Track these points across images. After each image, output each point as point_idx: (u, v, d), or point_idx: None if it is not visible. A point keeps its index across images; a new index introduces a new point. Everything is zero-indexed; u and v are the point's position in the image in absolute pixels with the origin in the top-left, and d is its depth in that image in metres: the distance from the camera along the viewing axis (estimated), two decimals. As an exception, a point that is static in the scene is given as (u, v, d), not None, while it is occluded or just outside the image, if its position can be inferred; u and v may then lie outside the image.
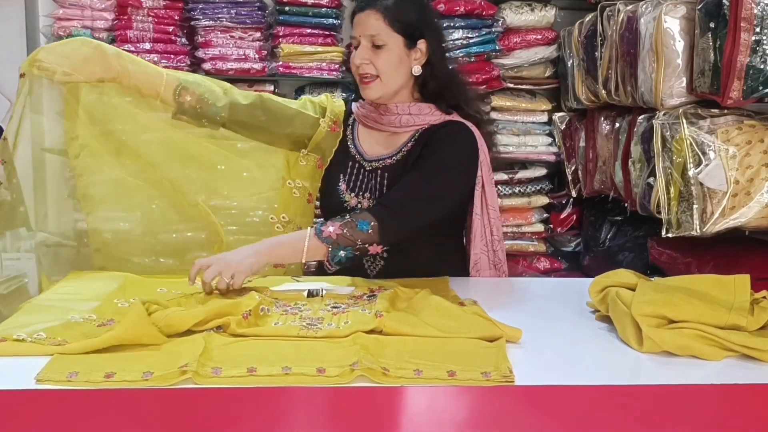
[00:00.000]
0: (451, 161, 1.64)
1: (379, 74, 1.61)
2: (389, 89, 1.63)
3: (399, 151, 1.68)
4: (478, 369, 1.07)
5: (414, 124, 1.66)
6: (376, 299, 1.38)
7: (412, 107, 1.66)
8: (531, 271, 3.32)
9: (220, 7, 3.10)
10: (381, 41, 1.59)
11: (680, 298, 1.19)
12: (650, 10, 2.21)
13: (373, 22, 1.59)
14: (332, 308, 1.35)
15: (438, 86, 1.66)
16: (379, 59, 1.60)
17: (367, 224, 1.50)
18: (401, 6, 1.61)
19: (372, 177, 1.69)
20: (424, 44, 1.63)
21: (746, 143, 1.96)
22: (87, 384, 1.01)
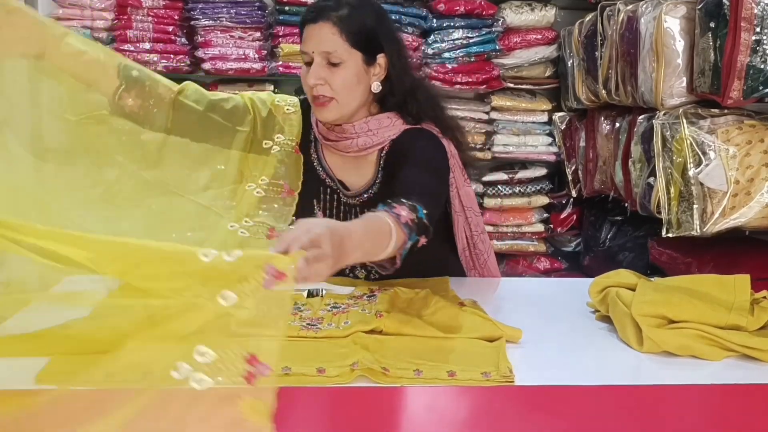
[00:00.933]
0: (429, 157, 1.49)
1: (335, 96, 1.43)
2: (346, 110, 1.46)
3: (373, 183, 1.53)
4: (478, 369, 1.07)
5: (373, 144, 1.50)
6: (376, 299, 1.38)
7: (370, 122, 1.49)
8: (531, 271, 3.32)
9: (219, 6, 3.10)
10: (337, 59, 1.41)
11: (680, 298, 1.19)
12: (650, 10, 2.21)
13: (329, 36, 1.40)
14: (332, 308, 1.35)
15: (399, 101, 1.50)
16: (335, 79, 1.41)
17: (422, 210, 1.26)
18: (358, 16, 1.42)
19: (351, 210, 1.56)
20: (383, 58, 1.46)
21: (746, 143, 1.96)
22: (87, 384, 1.00)
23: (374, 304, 1.34)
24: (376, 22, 1.45)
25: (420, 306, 1.34)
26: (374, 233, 1.16)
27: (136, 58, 3.08)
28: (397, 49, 1.49)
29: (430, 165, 1.46)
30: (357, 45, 1.42)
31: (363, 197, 1.53)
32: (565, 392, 1.05)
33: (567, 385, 1.07)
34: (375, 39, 1.44)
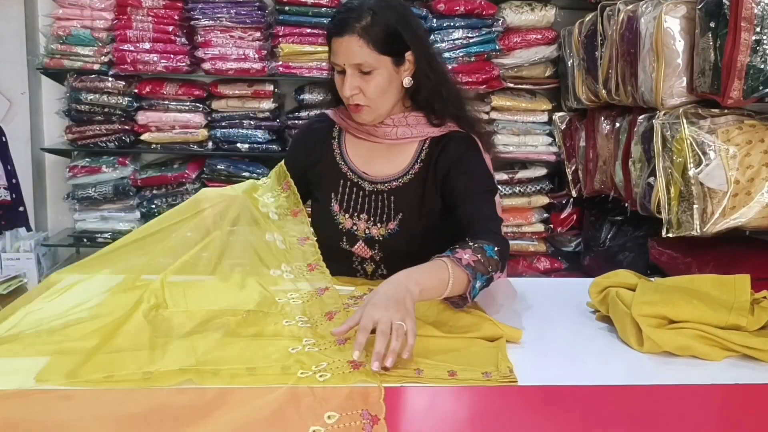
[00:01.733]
0: (487, 178, 1.55)
1: (369, 103, 1.48)
2: (382, 111, 1.52)
3: (406, 172, 1.56)
4: (479, 369, 1.07)
5: (411, 135, 1.55)
6: None
7: (409, 118, 1.55)
8: (531, 271, 3.32)
9: (219, 6, 3.10)
10: (368, 68, 1.44)
11: (680, 298, 1.19)
12: (650, 10, 2.21)
13: (356, 49, 1.43)
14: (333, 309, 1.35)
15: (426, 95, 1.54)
16: (369, 86, 1.46)
17: (492, 249, 1.31)
18: (380, 21, 1.44)
19: (372, 199, 1.57)
20: (411, 57, 1.50)
21: (746, 143, 1.96)
22: (87, 384, 1.00)
23: None
24: (399, 23, 1.47)
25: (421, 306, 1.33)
26: (431, 274, 1.23)
27: (136, 58, 3.08)
28: (422, 43, 1.52)
29: (490, 186, 1.53)
30: (384, 51, 1.45)
31: (392, 184, 1.56)
32: (565, 392, 1.05)
33: (567, 385, 1.07)
34: (401, 39, 1.47)
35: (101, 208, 3.28)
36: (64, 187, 3.35)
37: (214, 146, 3.24)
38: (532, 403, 1.02)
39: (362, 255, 1.59)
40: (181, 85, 3.15)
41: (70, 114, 3.17)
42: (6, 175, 3.19)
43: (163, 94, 3.13)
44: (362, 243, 1.58)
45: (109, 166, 3.22)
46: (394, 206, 1.56)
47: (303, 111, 3.25)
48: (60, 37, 3.08)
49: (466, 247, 1.29)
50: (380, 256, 1.58)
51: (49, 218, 3.57)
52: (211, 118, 3.22)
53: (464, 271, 1.24)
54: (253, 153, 3.24)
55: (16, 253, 3.22)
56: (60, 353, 1.09)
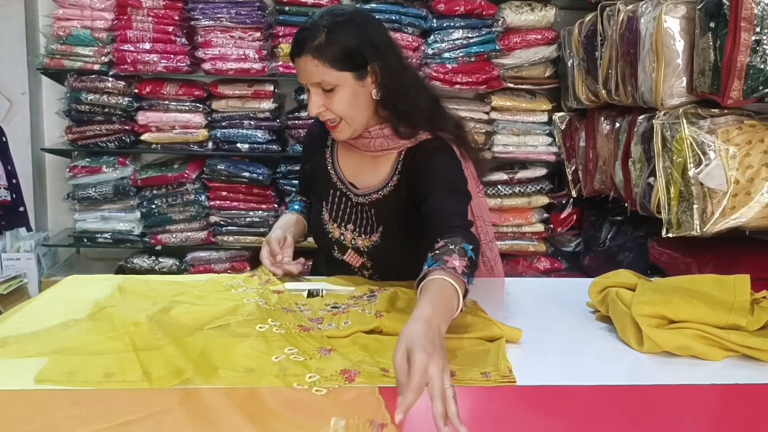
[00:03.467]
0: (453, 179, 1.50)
1: (342, 116, 1.48)
2: (357, 125, 1.51)
3: (385, 185, 1.56)
4: (478, 369, 1.07)
5: (389, 147, 1.54)
6: (376, 299, 1.38)
7: (385, 129, 1.53)
8: (531, 271, 3.32)
9: (219, 7, 3.10)
10: (329, 85, 1.44)
11: (680, 298, 1.19)
12: (650, 10, 2.21)
13: (313, 68, 1.43)
14: (332, 308, 1.35)
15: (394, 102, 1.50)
16: (333, 103, 1.45)
17: (469, 247, 1.29)
18: (335, 40, 1.42)
19: (357, 210, 1.59)
20: (374, 68, 1.47)
21: (746, 143, 1.96)
22: (86, 384, 1.01)
23: (374, 305, 1.34)
24: (356, 37, 1.44)
25: None
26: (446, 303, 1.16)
27: (136, 58, 3.08)
28: (382, 55, 1.48)
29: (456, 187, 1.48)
30: (343, 67, 1.43)
31: (372, 197, 1.57)
32: (565, 392, 1.05)
33: (567, 385, 1.07)
34: (359, 54, 1.44)
35: (101, 208, 3.28)
36: (64, 187, 3.36)
37: (214, 146, 3.24)
38: (531, 403, 1.02)
39: (354, 264, 1.62)
40: (182, 85, 3.15)
41: (70, 114, 3.17)
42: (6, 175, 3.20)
43: (164, 94, 3.13)
44: (352, 252, 1.60)
45: (109, 166, 3.22)
46: (375, 219, 1.57)
47: (303, 111, 3.25)
48: (60, 37, 3.08)
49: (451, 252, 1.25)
50: (371, 264, 1.60)
51: (50, 218, 3.57)
52: (212, 118, 3.22)
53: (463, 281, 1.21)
54: (253, 153, 3.24)
55: (17, 253, 3.23)
56: (60, 353, 1.09)
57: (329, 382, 1.01)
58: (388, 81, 1.48)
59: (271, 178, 3.26)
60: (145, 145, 3.23)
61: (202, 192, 3.28)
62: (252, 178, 3.23)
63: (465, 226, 1.38)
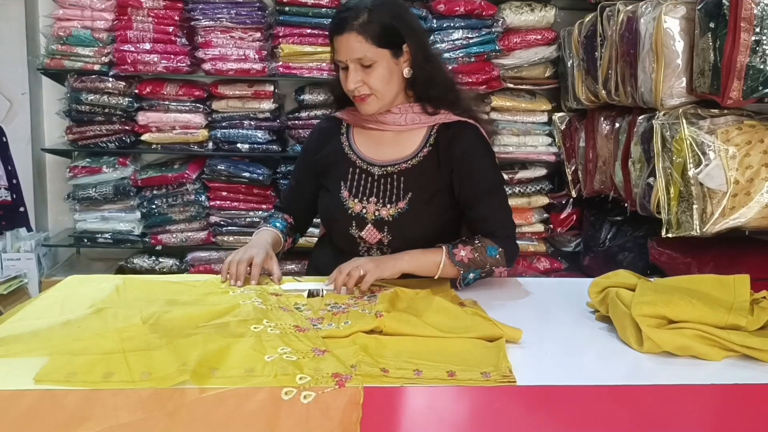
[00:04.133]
0: (495, 173, 1.70)
1: (374, 92, 1.60)
2: (386, 101, 1.63)
3: (415, 155, 1.66)
4: (478, 369, 1.07)
5: (420, 122, 1.67)
6: (376, 299, 1.38)
7: (414, 107, 1.67)
8: (531, 271, 3.32)
9: (220, 7, 3.10)
10: (368, 61, 1.57)
11: (680, 298, 1.19)
12: (650, 10, 2.21)
13: (356, 45, 1.55)
14: (332, 308, 1.35)
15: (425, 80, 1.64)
16: (371, 78, 1.58)
17: (495, 250, 1.57)
18: (377, 18, 1.56)
19: (382, 182, 1.66)
20: (407, 49, 1.62)
21: (746, 143, 1.96)
22: (85, 384, 1.01)
23: (374, 305, 1.34)
24: (394, 18, 1.60)
25: (420, 306, 1.34)
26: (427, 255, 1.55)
27: (136, 59, 3.08)
28: (417, 36, 1.64)
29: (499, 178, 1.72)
30: (382, 44, 1.57)
31: (401, 166, 1.67)
32: (565, 392, 1.05)
33: (567, 385, 1.07)
34: (397, 33, 1.59)
35: (102, 209, 3.28)
36: (64, 187, 3.36)
37: (214, 147, 3.24)
38: (531, 403, 1.02)
39: (370, 241, 1.65)
40: (182, 85, 3.15)
41: (70, 114, 3.17)
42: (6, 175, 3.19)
43: (164, 94, 3.13)
44: (371, 227, 1.65)
45: (109, 167, 3.21)
46: (404, 186, 1.65)
47: (303, 111, 3.25)
48: (60, 37, 3.08)
49: (468, 244, 1.54)
50: (389, 239, 1.64)
51: (50, 218, 3.57)
52: (212, 118, 3.22)
53: (455, 266, 1.52)
54: (253, 153, 3.24)
55: (17, 254, 3.22)
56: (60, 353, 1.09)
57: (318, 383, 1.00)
58: (420, 61, 1.63)
59: (271, 178, 3.26)
60: (146, 146, 3.23)
61: (202, 192, 3.28)
62: (252, 179, 3.23)
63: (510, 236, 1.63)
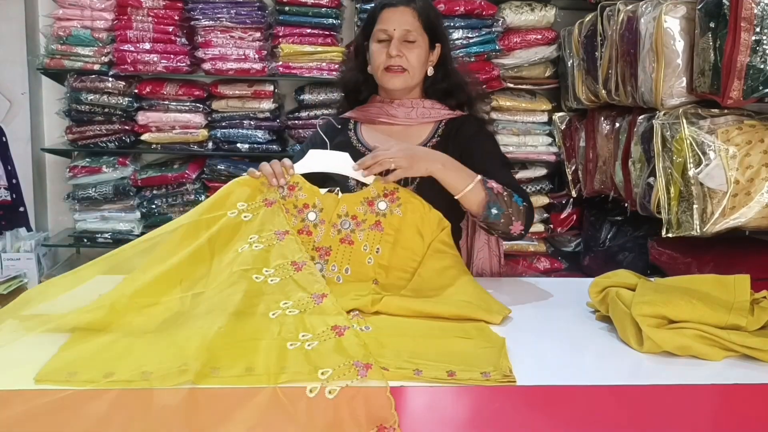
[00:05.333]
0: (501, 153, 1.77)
1: (408, 68, 1.69)
2: (412, 83, 1.72)
3: (424, 144, 1.71)
4: (478, 369, 1.07)
5: (428, 117, 1.74)
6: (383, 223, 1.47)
7: (425, 102, 1.75)
8: (531, 271, 3.32)
9: (219, 7, 3.10)
10: (413, 37, 1.68)
11: (680, 298, 1.19)
12: (650, 10, 2.21)
13: (410, 18, 1.68)
14: (341, 226, 1.45)
15: (448, 87, 1.77)
16: (411, 54, 1.68)
17: (521, 201, 1.58)
18: (428, 8, 1.73)
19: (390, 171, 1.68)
20: (438, 48, 1.76)
21: (746, 143, 1.96)
22: (86, 384, 1.00)
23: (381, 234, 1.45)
24: (437, 19, 1.77)
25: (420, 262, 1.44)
26: (463, 167, 1.54)
27: (136, 59, 3.08)
28: (447, 44, 1.80)
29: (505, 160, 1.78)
30: (427, 30, 1.71)
31: None
32: (565, 392, 1.05)
33: (567, 385, 1.07)
34: (437, 30, 1.75)
35: (101, 209, 3.28)
36: (64, 187, 3.36)
37: (214, 146, 3.24)
38: (531, 403, 1.02)
39: None
40: (181, 85, 3.15)
41: (70, 114, 3.17)
42: (6, 175, 3.19)
43: (164, 94, 3.13)
44: None
45: (109, 167, 3.22)
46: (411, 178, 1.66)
47: (303, 111, 3.25)
48: (60, 37, 3.08)
49: (499, 183, 1.55)
50: None
51: (50, 218, 3.57)
52: (212, 118, 3.22)
53: (485, 190, 1.51)
54: (253, 153, 3.24)
55: (17, 254, 3.22)
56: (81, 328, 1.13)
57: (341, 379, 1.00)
58: (445, 65, 1.77)
59: (271, 178, 3.25)
60: (145, 145, 3.23)
61: (203, 192, 3.28)
62: (252, 178, 3.23)
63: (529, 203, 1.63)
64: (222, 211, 1.43)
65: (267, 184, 1.49)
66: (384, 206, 1.49)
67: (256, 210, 1.45)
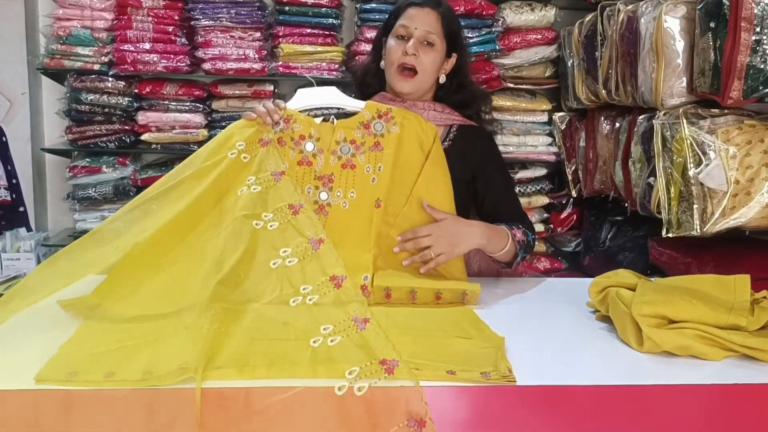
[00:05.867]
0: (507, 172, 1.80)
1: (420, 70, 1.67)
2: (423, 87, 1.71)
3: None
4: (478, 369, 1.07)
5: (440, 120, 1.72)
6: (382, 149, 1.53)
7: (436, 106, 1.74)
8: (531, 271, 3.32)
9: (219, 7, 3.10)
10: (433, 40, 1.68)
11: (680, 298, 1.19)
12: (650, 10, 2.21)
13: (433, 21, 1.68)
14: (341, 152, 1.50)
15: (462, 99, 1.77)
16: (427, 56, 1.68)
17: (531, 236, 1.64)
18: (451, 16, 1.74)
19: None
20: (454, 58, 1.75)
21: (746, 143, 1.96)
22: (86, 384, 1.00)
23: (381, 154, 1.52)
24: (459, 29, 1.78)
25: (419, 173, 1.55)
26: (496, 231, 1.56)
27: (136, 58, 3.08)
28: (464, 55, 1.79)
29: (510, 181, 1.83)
30: (447, 37, 1.71)
31: None
32: (565, 392, 1.05)
33: (567, 385, 1.07)
34: (457, 40, 1.75)
35: (101, 209, 3.27)
36: (64, 187, 3.35)
37: (214, 146, 3.23)
38: (531, 402, 1.02)
39: None
40: (181, 85, 3.15)
41: (70, 114, 3.17)
42: (6, 175, 3.19)
43: (163, 94, 3.13)
44: None
45: (109, 167, 3.21)
46: None
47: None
48: (60, 37, 3.08)
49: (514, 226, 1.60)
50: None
51: (50, 218, 3.57)
52: (212, 118, 3.21)
53: (515, 245, 1.58)
54: (253, 153, 3.23)
55: (17, 254, 3.22)
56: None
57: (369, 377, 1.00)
58: (458, 73, 1.77)
59: (271, 178, 3.25)
60: (145, 145, 3.22)
61: (202, 192, 3.28)
62: (252, 178, 3.23)
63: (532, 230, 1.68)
64: (223, 154, 1.49)
65: (263, 124, 1.54)
66: (380, 127, 1.55)
67: (253, 150, 1.51)
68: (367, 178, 1.52)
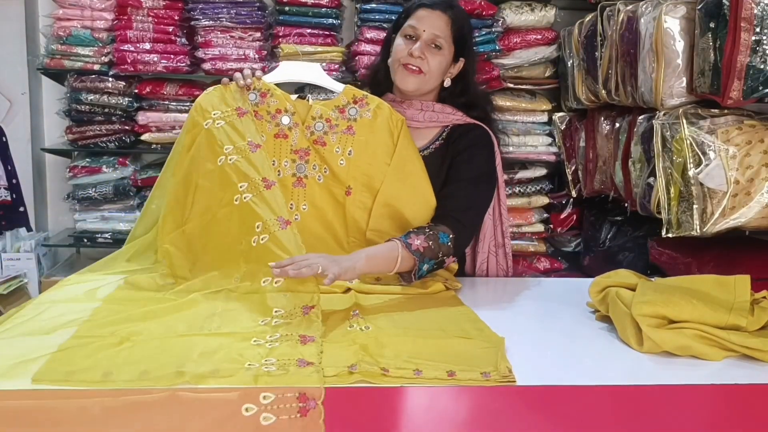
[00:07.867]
0: (485, 169, 1.70)
1: (426, 72, 1.68)
2: (426, 88, 1.71)
3: (426, 148, 1.73)
4: (478, 369, 1.07)
5: (436, 121, 1.73)
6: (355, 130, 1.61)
7: (436, 107, 1.74)
8: (531, 271, 3.32)
9: (220, 7, 3.10)
10: (440, 44, 1.68)
11: (680, 298, 1.19)
12: (650, 10, 2.21)
13: (443, 24, 1.68)
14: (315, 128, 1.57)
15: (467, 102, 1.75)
16: (434, 59, 1.68)
17: (446, 237, 1.54)
18: (462, 21, 1.73)
19: None
20: (462, 63, 1.75)
21: (746, 143, 1.96)
22: (83, 384, 1.00)
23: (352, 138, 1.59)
24: (469, 34, 1.77)
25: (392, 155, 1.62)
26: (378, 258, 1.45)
27: (136, 59, 3.08)
28: (473, 60, 1.79)
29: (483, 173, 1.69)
30: (455, 41, 1.71)
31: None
32: (565, 392, 1.05)
33: (567, 385, 1.07)
34: (465, 44, 1.73)
35: (101, 209, 3.27)
36: (64, 187, 3.35)
37: (214, 146, 3.23)
38: (531, 403, 1.02)
39: None
40: (182, 85, 3.15)
41: (70, 114, 3.17)
42: (6, 175, 3.19)
43: (164, 94, 3.13)
44: None
45: (109, 167, 3.21)
46: None
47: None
48: (60, 37, 3.08)
49: (420, 233, 1.50)
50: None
51: (50, 218, 3.57)
52: (211, 118, 3.21)
53: (412, 255, 1.46)
54: (253, 153, 3.23)
55: (17, 254, 3.22)
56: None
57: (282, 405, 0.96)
58: (465, 78, 1.76)
59: (271, 178, 3.25)
60: (145, 145, 3.22)
61: (202, 192, 3.28)
62: (252, 178, 3.23)
63: (462, 220, 1.58)
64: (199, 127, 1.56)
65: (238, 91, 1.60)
66: (354, 112, 1.61)
67: (229, 117, 1.56)
68: (336, 158, 1.59)
